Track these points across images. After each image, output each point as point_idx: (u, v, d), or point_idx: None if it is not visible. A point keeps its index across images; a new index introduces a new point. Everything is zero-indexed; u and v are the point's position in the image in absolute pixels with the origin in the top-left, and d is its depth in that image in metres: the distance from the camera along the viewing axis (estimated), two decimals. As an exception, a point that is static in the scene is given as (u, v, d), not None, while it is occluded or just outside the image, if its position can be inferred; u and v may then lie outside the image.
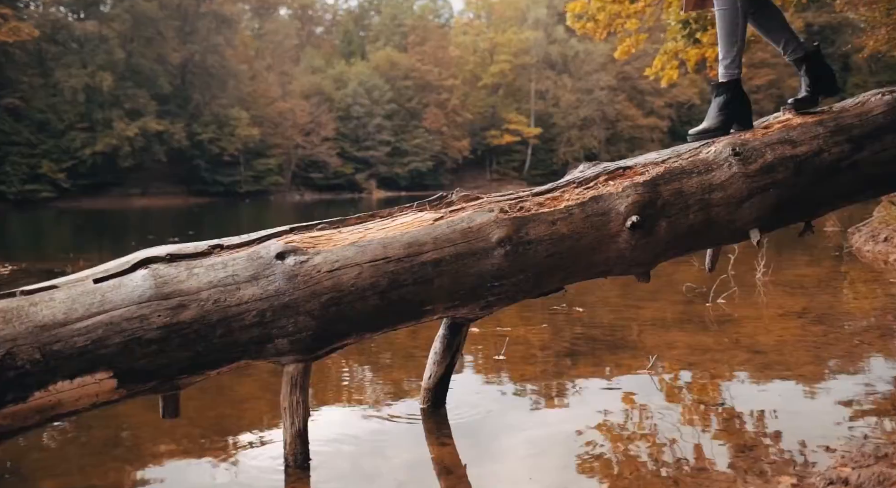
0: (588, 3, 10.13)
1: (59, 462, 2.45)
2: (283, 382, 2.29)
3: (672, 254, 2.67)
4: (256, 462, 2.37)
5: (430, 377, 2.81)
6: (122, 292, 2.06)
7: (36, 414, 1.94)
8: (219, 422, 2.82)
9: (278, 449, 2.37)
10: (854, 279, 6.11)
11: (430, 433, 2.65)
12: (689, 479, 2.10)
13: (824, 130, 2.68)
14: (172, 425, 2.62)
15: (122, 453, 2.51)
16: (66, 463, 2.42)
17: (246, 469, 2.31)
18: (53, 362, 1.92)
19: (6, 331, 1.89)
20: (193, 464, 2.37)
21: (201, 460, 2.40)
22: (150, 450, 2.52)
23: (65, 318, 1.97)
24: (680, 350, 3.64)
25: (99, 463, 2.41)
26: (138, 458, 2.45)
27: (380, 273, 2.29)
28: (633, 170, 2.62)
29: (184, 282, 2.12)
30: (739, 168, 2.58)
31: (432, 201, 2.54)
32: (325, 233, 2.38)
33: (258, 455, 2.43)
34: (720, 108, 2.85)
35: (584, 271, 2.57)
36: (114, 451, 2.53)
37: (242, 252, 2.25)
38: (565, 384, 3.18)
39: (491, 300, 2.48)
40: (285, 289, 2.19)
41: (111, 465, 2.39)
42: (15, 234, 17.44)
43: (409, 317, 2.40)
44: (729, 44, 2.86)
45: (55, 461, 2.46)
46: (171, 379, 2.12)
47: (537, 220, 2.47)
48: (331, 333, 2.27)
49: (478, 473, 2.27)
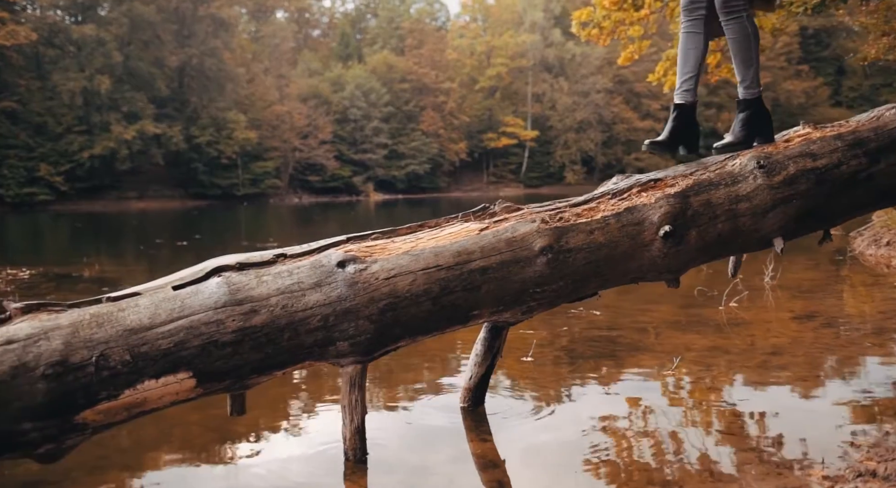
0: (594, 11, 10.33)
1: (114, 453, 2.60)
2: (342, 382, 2.45)
3: (700, 261, 2.84)
4: (315, 457, 2.53)
5: (470, 377, 2.97)
6: (199, 298, 2.21)
7: (124, 411, 2.09)
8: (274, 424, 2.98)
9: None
10: (858, 283, 6.29)
11: (470, 430, 2.81)
12: (727, 472, 2.27)
13: (842, 144, 2.85)
14: (232, 422, 2.78)
15: (175, 447, 2.67)
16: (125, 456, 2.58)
17: (308, 463, 2.48)
18: (141, 363, 2.08)
19: (99, 334, 2.05)
20: (263, 458, 2.53)
21: (270, 454, 2.57)
22: (233, 443, 2.68)
23: (150, 322, 2.12)
24: (698, 352, 3.81)
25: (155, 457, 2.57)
26: (201, 452, 2.61)
27: (432, 280, 2.45)
28: (664, 182, 2.78)
29: (254, 289, 2.28)
30: (764, 180, 2.75)
31: (476, 212, 2.71)
32: (379, 242, 2.54)
33: (317, 449, 2.59)
34: (743, 123, 3.02)
35: (618, 277, 2.74)
36: (164, 447, 2.69)
37: (305, 261, 2.41)
38: (592, 384, 3.35)
39: (532, 305, 2.65)
40: (346, 295, 2.35)
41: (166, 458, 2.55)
42: (18, 238, 17.52)
43: (458, 321, 2.56)
44: (745, 67, 3.03)
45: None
46: (243, 379, 2.28)
47: (576, 230, 2.64)
48: (387, 336, 2.43)
49: (517, 467, 2.43)
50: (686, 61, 3.06)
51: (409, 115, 57.11)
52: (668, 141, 3.02)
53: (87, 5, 46.62)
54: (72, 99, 42.97)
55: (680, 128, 3.02)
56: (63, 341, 2.00)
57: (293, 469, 2.44)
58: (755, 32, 3.01)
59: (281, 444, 2.69)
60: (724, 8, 2.95)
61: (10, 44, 39.06)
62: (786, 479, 2.18)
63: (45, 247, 13.99)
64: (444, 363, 3.93)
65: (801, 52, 54.72)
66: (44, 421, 1.96)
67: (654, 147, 3.01)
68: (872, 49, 8.54)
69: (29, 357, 1.95)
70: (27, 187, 40.38)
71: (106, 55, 44.34)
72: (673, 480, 2.24)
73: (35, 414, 1.94)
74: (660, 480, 2.25)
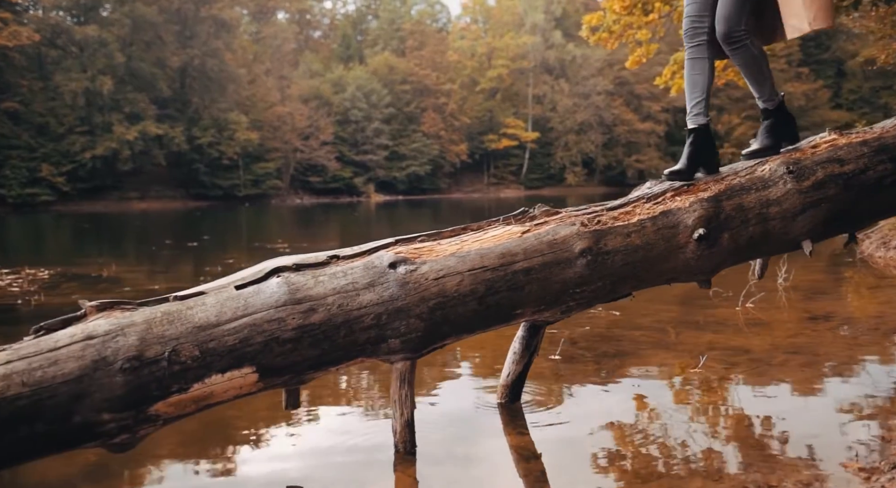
0: (604, 15, 10.45)
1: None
2: (392, 378, 2.56)
3: (731, 263, 2.94)
4: (368, 449, 2.64)
5: (508, 375, 3.08)
6: (261, 298, 2.32)
7: (192, 404, 2.20)
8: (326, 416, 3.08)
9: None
10: (870, 285, 6.40)
11: (508, 424, 2.92)
12: (763, 464, 2.37)
13: (868, 150, 2.96)
14: (277, 417, 2.89)
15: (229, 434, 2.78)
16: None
17: (360, 454, 2.58)
18: (209, 358, 2.18)
19: (171, 331, 2.15)
20: (315, 450, 2.64)
21: (316, 447, 2.67)
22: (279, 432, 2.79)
23: (216, 320, 2.23)
24: (720, 351, 3.91)
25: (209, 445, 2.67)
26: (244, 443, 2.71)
27: (478, 280, 2.56)
28: (697, 186, 2.89)
29: (312, 288, 2.39)
30: (794, 184, 2.85)
31: (516, 215, 2.81)
32: (427, 244, 2.64)
33: (369, 443, 2.70)
34: (769, 130, 3.12)
35: (653, 279, 2.85)
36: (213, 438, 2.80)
37: (358, 262, 2.52)
38: (619, 380, 3.46)
39: (571, 305, 2.75)
40: (398, 295, 2.46)
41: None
42: (27, 239, 17.61)
43: (502, 320, 2.67)
44: (759, 85, 3.11)
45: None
46: (300, 375, 2.38)
47: (614, 233, 2.74)
48: (435, 334, 2.54)
49: (555, 459, 2.54)
50: (694, 87, 3.06)
51: (410, 116, 57.28)
52: (686, 169, 2.96)
53: (89, 6, 46.72)
54: (74, 99, 43.10)
55: (697, 151, 3.00)
56: (138, 337, 2.10)
57: (344, 461, 2.54)
58: (762, 53, 3.05)
59: (330, 438, 2.79)
60: (727, 40, 2.96)
61: (13, 44, 39.17)
62: (819, 471, 2.28)
63: (56, 248, 14.08)
64: (470, 361, 4.03)
65: (801, 55, 54.90)
66: (121, 413, 2.06)
67: (672, 176, 2.96)
68: (883, 53, 8.66)
69: (108, 352, 2.05)
70: (29, 188, 40.47)
71: (108, 56, 44.46)
72: (711, 469, 2.35)
73: (113, 406, 2.04)
74: (698, 470, 2.35)
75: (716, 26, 2.96)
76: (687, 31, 3.08)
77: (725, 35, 2.95)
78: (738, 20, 2.92)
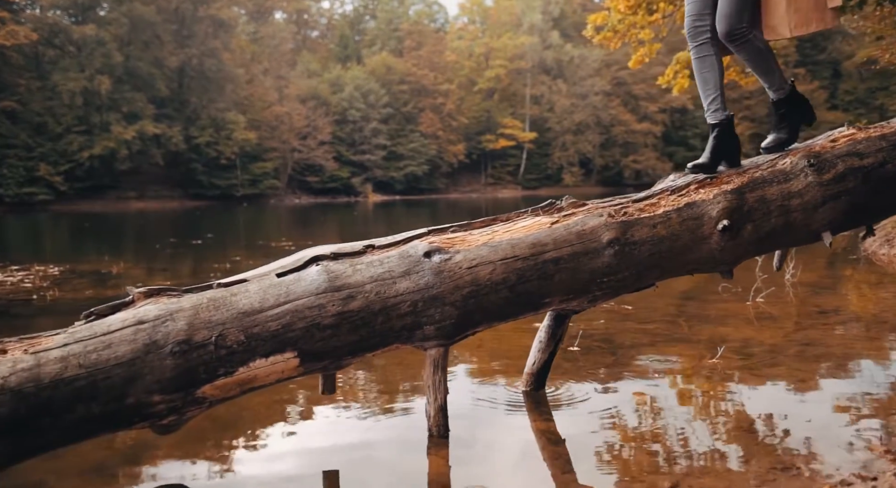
0: (609, 15, 10.53)
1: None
2: (426, 364, 2.62)
3: (752, 254, 3.01)
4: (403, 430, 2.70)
5: (533, 363, 3.14)
6: (301, 285, 2.38)
7: (237, 387, 2.26)
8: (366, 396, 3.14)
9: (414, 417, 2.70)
10: (874, 281, 6.48)
11: (532, 411, 2.99)
12: (796, 458, 2.44)
13: (887, 144, 3.03)
14: (319, 399, 2.95)
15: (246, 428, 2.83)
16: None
17: (396, 436, 2.65)
18: (254, 343, 2.24)
19: (217, 316, 2.21)
20: (352, 434, 2.70)
21: (357, 427, 2.73)
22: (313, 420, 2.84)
23: (260, 306, 2.29)
24: (735, 343, 3.98)
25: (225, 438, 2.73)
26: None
27: (510, 269, 2.62)
28: (720, 179, 2.96)
29: (350, 276, 2.45)
30: (815, 177, 2.92)
31: (544, 207, 2.87)
32: (459, 234, 2.71)
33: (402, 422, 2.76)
34: (783, 121, 3.18)
35: (677, 269, 2.91)
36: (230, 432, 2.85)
37: (393, 251, 2.58)
38: (637, 371, 3.52)
39: (598, 294, 2.82)
40: (433, 283, 2.52)
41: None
42: (28, 239, 17.62)
43: (531, 308, 2.73)
44: (768, 76, 3.16)
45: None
46: (339, 360, 2.44)
47: (640, 224, 2.81)
48: (468, 322, 2.60)
49: (579, 444, 2.61)
50: (706, 85, 3.09)
51: (408, 116, 57.33)
52: (709, 162, 3.01)
53: (87, 5, 46.69)
54: (72, 99, 43.06)
55: (720, 145, 3.04)
56: (187, 322, 2.16)
57: (381, 444, 2.60)
58: (767, 47, 3.09)
59: (364, 423, 2.85)
60: (728, 38, 2.99)
61: (11, 44, 39.14)
62: (860, 455, 2.35)
63: (59, 247, 14.11)
64: (486, 350, 4.10)
65: (797, 56, 55.05)
66: (171, 395, 2.12)
67: (696, 169, 3.00)
68: (886, 53, 8.75)
69: (158, 335, 2.11)
70: (27, 187, 40.42)
71: (106, 55, 44.43)
72: (727, 455, 2.41)
73: (163, 388, 2.10)
74: (721, 456, 2.42)
75: (716, 25, 3.01)
76: (689, 31, 3.12)
77: (726, 33, 2.99)
78: (738, 18, 2.96)
